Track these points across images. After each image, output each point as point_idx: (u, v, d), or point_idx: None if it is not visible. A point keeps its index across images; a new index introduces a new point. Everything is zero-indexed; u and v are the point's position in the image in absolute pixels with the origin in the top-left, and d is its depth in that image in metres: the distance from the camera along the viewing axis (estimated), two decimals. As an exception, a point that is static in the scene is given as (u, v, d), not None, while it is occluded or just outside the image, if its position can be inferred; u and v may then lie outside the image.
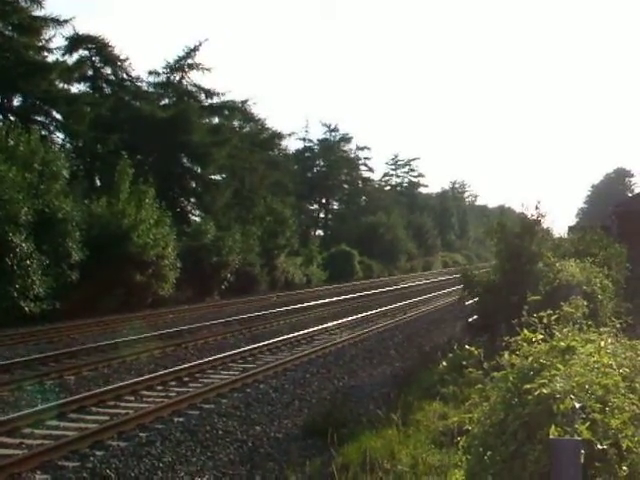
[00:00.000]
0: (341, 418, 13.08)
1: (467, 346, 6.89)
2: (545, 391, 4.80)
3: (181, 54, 50.50)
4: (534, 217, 18.35)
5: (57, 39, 44.69)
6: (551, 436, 4.34)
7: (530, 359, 5.54)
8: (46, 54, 41.99)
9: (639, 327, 19.28)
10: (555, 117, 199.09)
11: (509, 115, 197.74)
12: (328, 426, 11.68)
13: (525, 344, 5.95)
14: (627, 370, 5.65)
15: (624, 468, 4.70)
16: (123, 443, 12.08)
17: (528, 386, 4.98)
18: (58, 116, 41.92)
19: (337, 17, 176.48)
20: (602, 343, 5.89)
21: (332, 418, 12.93)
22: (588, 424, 4.49)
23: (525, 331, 6.14)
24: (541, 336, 5.98)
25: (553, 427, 4.38)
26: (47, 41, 41.80)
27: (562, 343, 5.73)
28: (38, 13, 39.91)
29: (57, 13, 41.93)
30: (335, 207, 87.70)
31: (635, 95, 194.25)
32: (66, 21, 41.92)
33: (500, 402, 5.38)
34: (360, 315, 31.42)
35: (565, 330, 6.23)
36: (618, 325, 7.40)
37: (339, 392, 16.49)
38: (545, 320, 6.35)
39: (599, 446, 4.50)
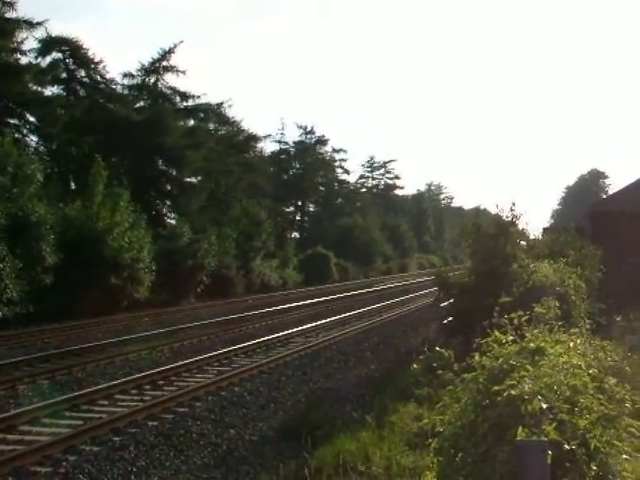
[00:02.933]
0: (316, 420, 13.08)
1: (441, 348, 6.92)
2: (514, 392, 4.82)
3: (156, 56, 50.29)
4: (509, 218, 18.43)
5: (30, 41, 44.34)
6: (518, 437, 4.37)
7: (500, 360, 5.56)
8: (19, 56, 41.78)
9: (612, 327, 19.45)
10: (530, 119, 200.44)
11: (485, 117, 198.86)
12: (303, 429, 11.68)
13: (496, 345, 5.97)
14: (596, 370, 5.70)
15: (593, 468, 4.74)
16: (96, 448, 12.00)
17: (497, 387, 5.01)
18: (32, 119, 41.73)
19: (313, 20, 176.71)
20: (572, 344, 5.93)
21: (307, 421, 12.93)
22: (556, 425, 4.52)
23: (496, 332, 6.17)
24: (511, 337, 6.02)
25: (520, 428, 4.41)
26: (20, 43, 41.56)
27: (532, 344, 5.76)
28: (10, 15, 39.66)
29: (30, 15, 41.54)
30: (311, 209, 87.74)
31: (610, 97, 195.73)
32: (39, 23, 41.76)
33: (470, 403, 5.40)
34: (336, 317, 31.40)
35: (535, 331, 6.26)
36: (588, 326, 7.47)
37: (314, 394, 16.49)
38: (516, 321, 6.38)
39: (567, 446, 4.53)
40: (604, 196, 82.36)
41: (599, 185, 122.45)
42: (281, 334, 25.55)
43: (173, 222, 48.50)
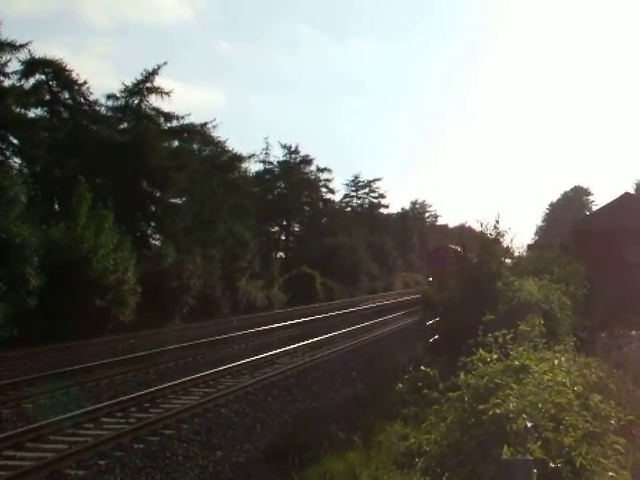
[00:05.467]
0: (303, 441, 13.01)
1: (426, 367, 6.92)
2: (499, 411, 4.83)
3: (139, 77, 50.25)
4: (493, 236, 18.50)
5: (13, 63, 44.20)
6: (504, 456, 4.37)
7: (485, 379, 5.57)
8: (2, 79, 41.60)
9: (597, 343, 19.49)
10: (514, 136, 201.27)
11: (469, 134, 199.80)
12: (290, 449, 11.63)
13: (481, 364, 5.99)
14: (581, 387, 5.72)
15: (579, 485, 4.74)
16: (82, 471, 11.91)
17: (482, 406, 5.01)
18: (15, 141, 41.53)
19: (298, 36, 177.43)
20: (556, 361, 5.95)
21: (294, 441, 12.87)
22: (541, 443, 4.53)
23: (481, 351, 6.18)
24: (496, 356, 6.03)
25: (506, 447, 4.42)
26: (3, 66, 41.42)
27: (516, 362, 5.79)
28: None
29: (13, 38, 41.46)
30: (296, 229, 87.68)
31: (594, 114, 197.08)
32: (22, 45, 41.66)
33: (456, 422, 5.41)
34: (322, 337, 31.35)
35: (520, 349, 6.29)
36: (573, 343, 7.49)
37: (301, 415, 16.43)
38: (500, 339, 6.40)
39: (552, 464, 4.53)
40: (588, 213, 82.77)
41: (582, 202, 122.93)
42: (267, 354, 25.49)
43: (158, 243, 48.37)
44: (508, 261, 19.76)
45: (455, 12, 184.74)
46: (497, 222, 18.38)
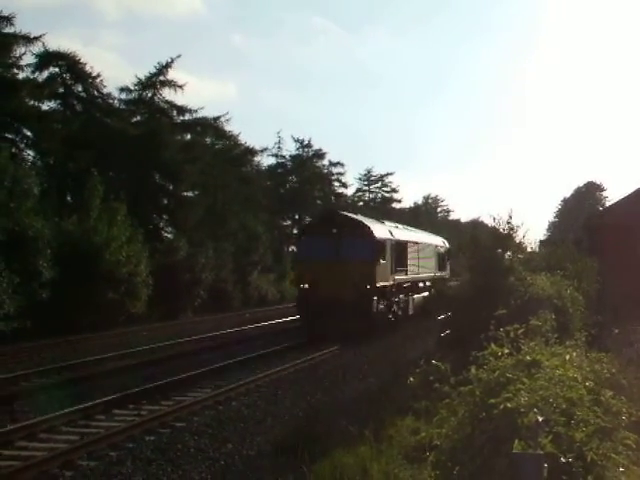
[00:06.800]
0: (313, 434, 13.02)
1: (437, 361, 6.91)
2: (510, 405, 4.83)
3: (153, 70, 50.32)
4: (506, 231, 18.47)
5: (27, 56, 44.28)
6: (514, 450, 4.37)
7: (496, 373, 5.57)
8: (16, 71, 41.73)
9: (610, 339, 19.41)
10: (527, 131, 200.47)
11: (481, 129, 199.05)
12: (300, 443, 11.64)
13: (492, 358, 5.98)
14: (592, 383, 5.71)
15: (590, 481, 4.74)
16: (93, 462, 11.97)
17: (493, 400, 5.01)
18: (29, 133, 41.67)
19: (313, 29, 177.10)
20: (568, 357, 5.94)
21: (304, 434, 12.88)
22: (552, 437, 4.52)
23: (492, 345, 6.17)
24: (507, 350, 6.02)
25: (517, 441, 4.41)
26: (17, 59, 41.56)
27: (528, 357, 5.78)
28: (8, 30, 39.73)
29: (25, 30, 41.56)
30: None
31: (606, 109, 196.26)
32: (36, 38, 41.74)
33: (467, 416, 5.41)
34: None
35: (532, 344, 6.28)
36: (585, 338, 7.48)
37: (312, 408, 16.45)
38: (512, 334, 6.39)
39: (563, 459, 4.52)
40: (601, 208, 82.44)
41: (595, 197, 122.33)
42: (278, 347, 25.53)
43: (170, 236, 48.47)
44: (520, 256, 19.71)
45: (461, 10, 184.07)
46: (510, 217, 18.36)
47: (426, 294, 35.78)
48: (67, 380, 19.32)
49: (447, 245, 49.57)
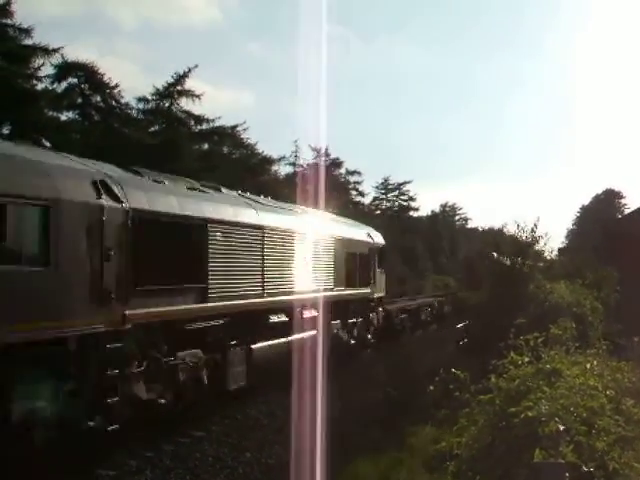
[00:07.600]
0: (334, 443, 12.98)
1: (457, 369, 6.89)
2: (530, 414, 4.80)
3: (170, 80, 50.47)
4: (528, 239, 18.43)
5: (46, 67, 44.48)
6: (535, 459, 4.35)
7: (516, 382, 5.55)
8: (35, 82, 41.96)
9: (630, 348, 19.31)
10: (545, 139, 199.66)
11: (500, 137, 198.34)
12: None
13: (512, 367, 5.96)
14: (613, 392, 5.67)
15: (612, 490, 4.70)
16: (112, 472, 11.99)
17: (514, 409, 4.99)
18: (48, 144, 41.86)
19: (328, 36, 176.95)
20: (588, 365, 5.91)
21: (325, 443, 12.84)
22: (573, 446, 4.50)
23: (512, 354, 6.15)
24: (527, 359, 6.00)
25: (538, 450, 4.39)
26: (36, 70, 41.81)
27: (548, 366, 5.75)
28: (27, 42, 40.00)
29: (44, 41, 41.76)
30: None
31: (626, 117, 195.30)
32: (55, 50, 41.95)
33: (487, 425, 5.39)
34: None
35: (552, 352, 6.25)
36: (605, 347, 7.44)
37: (331, 416, 16.41)
38: (532, 342, 6.36)
39: (585, 468, 4.50)
40: (620, 216, 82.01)
41: (614, 205, 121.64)
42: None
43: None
44: (540, 264, 19.67)
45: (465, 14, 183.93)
46: (535, 226, 18.30)
47: (305, 335, 20.08)
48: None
49: (378, 241, 31.88)
